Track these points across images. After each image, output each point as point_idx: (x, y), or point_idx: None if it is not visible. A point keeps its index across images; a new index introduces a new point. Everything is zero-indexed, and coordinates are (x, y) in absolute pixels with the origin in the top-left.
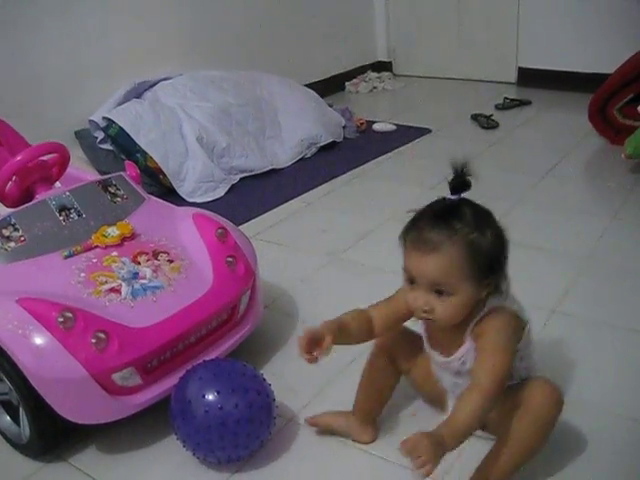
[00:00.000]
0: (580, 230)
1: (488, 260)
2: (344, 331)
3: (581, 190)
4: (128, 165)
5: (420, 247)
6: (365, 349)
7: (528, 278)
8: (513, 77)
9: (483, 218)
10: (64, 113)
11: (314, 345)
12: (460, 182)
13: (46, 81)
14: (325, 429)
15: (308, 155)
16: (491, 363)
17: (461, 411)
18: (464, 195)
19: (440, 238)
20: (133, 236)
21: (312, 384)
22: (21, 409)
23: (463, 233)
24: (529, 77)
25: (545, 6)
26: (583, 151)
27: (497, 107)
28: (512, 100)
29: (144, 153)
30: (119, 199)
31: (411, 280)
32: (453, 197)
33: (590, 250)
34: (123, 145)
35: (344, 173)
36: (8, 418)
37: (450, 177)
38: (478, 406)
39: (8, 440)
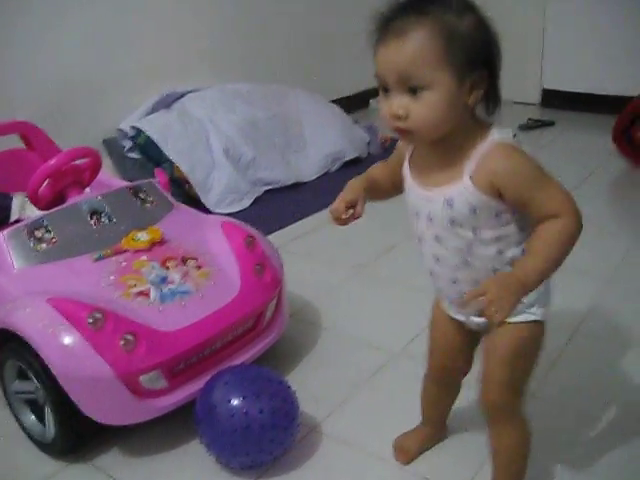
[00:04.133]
0: (603, 251)
1: (469, 43)
2: (373, 189)
3: (604, 211)
4: (158, 172)
5: (386, 37)
6: (387, 360)
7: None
8: (537, 98)
9: (463, 2)
10: (93, 122)
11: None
12: None
13: (75, 90)
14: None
15: (332, 170)
16: (550, 193)
17: (535, 246)
18: None
19: (407, 21)
20: (162, 241)
21: (335, 393)
22: (47, 408)
23: (434, 14)
24: (553, 98)
25: (570, 28)
26: (606, 173)
27: (520, 127)
28: (535, 121)
29: (171, 163)
30: (149, 205)
31: (384, 87)
32: None
33: (612, 270)
34: (151, 154)
35: None
36: (33, 417)
37: None
38: (555, 240)
39: (32, 439)
